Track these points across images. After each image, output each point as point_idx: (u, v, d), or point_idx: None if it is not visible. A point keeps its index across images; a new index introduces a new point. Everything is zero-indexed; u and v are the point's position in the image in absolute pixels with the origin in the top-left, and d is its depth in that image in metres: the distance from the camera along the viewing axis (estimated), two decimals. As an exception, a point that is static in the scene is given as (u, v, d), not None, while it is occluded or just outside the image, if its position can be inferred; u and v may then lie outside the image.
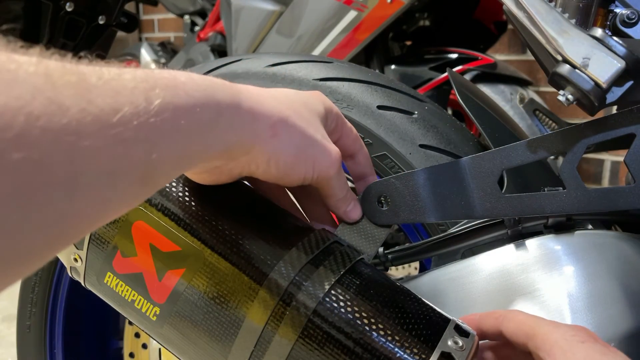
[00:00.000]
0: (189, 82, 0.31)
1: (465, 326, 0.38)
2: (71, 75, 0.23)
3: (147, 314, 0.39)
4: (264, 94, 0.37)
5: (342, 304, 0.36)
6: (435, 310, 0.39)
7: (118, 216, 0.29)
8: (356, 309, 0.36)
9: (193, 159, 0.31)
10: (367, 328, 0.36)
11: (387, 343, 0.36)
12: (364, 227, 0.45)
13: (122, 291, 0.40)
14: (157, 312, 0.39)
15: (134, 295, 0.39)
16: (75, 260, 0.42)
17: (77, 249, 0.41)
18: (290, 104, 0.39)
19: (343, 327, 0.36)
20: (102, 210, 0.25)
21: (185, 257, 0.38)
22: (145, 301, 0.39)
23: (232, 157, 0.35)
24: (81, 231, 0.25)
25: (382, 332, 0.36)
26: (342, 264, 0.38)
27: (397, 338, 0.36)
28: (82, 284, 0.43)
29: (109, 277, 0.40)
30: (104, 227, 0.40)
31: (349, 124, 0.45)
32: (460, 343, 0.36)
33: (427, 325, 0.37)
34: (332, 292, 0.37)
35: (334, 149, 0.40)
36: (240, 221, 0.39)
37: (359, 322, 0.36)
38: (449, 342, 0.36)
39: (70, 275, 0.44)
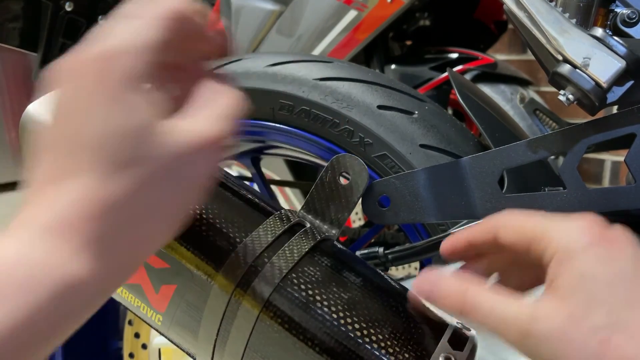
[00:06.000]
0: None
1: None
2: None
3: (153, 319, 0.40)
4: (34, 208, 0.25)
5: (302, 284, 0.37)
6: (396, 286, 0.40)
7: None
8: (317, 287, 0.37)
9: None
10: (325, 309, 0.36)
11: (347, 326, 0.36)
12: (328, 206, 0.44)
13: (128, 297, 0.40)
14: (161, 319, 0.40)
15: (138, 302, 0.40)
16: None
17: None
18: (82, 150, 0.25)
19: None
20: None
21: (175, 274, 0.38)
22: (149, 308, 0.40)
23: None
24: None
25: (342, 315, 0.36)
26: (307, 243, 0.39)
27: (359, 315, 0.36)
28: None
29: None
30: None
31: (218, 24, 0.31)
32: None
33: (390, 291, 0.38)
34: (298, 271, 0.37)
35: (186, 142, 0.26)
36: (227, 228, 0.39)
37: (318, 303, 0.36)
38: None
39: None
